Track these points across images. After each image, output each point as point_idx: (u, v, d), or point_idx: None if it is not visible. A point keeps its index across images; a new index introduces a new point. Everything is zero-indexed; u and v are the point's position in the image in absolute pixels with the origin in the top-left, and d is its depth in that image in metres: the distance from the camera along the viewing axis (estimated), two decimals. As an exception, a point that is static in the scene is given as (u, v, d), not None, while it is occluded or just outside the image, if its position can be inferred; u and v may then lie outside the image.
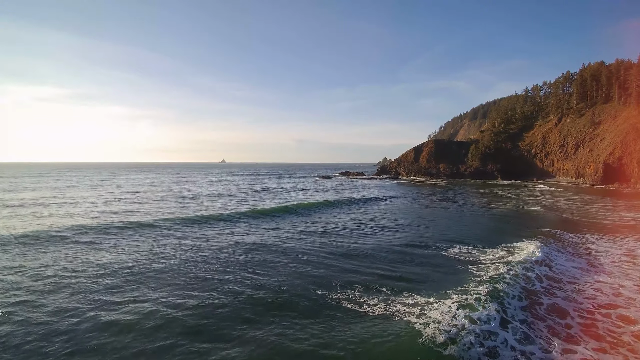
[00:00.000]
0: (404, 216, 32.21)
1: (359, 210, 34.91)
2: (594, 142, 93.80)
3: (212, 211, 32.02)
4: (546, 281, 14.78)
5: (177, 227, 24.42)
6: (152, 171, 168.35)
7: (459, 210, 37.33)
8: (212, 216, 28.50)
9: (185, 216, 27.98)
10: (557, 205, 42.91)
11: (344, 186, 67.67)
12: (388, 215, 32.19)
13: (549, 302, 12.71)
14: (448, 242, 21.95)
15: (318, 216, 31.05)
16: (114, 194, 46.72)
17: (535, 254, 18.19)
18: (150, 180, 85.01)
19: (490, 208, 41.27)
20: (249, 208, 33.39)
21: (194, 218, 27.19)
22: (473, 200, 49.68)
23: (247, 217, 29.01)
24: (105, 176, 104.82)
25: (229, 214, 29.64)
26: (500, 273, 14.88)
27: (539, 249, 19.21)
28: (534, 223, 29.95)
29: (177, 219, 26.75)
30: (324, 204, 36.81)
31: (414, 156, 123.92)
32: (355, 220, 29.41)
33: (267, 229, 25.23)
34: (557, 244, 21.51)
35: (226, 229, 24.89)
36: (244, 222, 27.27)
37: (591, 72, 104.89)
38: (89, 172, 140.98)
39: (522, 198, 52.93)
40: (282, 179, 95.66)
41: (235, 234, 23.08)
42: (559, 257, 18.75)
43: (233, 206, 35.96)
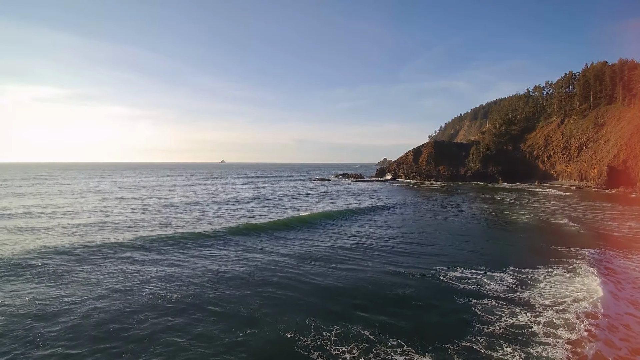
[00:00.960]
0: (401, 232, 29.20)
1: (352, 224, 32.00)
2: (597, 144, 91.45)
3: (191, 227, 29.20)
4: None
5: (146, 249, 21.84)
6: (148, 173, 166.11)
7: (461, 221, 35.05)
8: (188, 234, 25.75)
9: (157, 234, 25.42)
10: (568, 214, 40.50)
11: (340, 191, 65.26)
12: (383, 231, 29.37)
13: None
14: (450, 264, 19.63)
15: (306, 233, 28.38)
16: (98, 201, 44.19)
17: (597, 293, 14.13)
18: (142, 184, 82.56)
19: (493, 217, 38.99)
20: (233, 222, 30.44)
21: (166, 237, 24.63)
22: (475, 208, 47.38)
23: (229, 235, 26.41)
24: (97, 179, 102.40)
25: (209, 232, 26.86)
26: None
27: (598, 285, 15.19)
28: (548, 237, 27.56)
29: (148, 238, 24.14)
30: (315, 218, 33.07)
31: (413, 158, 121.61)
32: (346, 238, 26.57)
33: (248, 250, 22.61)
34: (610, 274, 17.68)
35: (201, 249, 22.53)
36: (224, 242, 24.69)
37: (594, 72, 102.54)
38: (84, 174, 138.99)
39: (526, 205, 50.61)
40: (278, 182, 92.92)
41: (209, 258, 20.73)
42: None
43: (217, 218, 33.44)
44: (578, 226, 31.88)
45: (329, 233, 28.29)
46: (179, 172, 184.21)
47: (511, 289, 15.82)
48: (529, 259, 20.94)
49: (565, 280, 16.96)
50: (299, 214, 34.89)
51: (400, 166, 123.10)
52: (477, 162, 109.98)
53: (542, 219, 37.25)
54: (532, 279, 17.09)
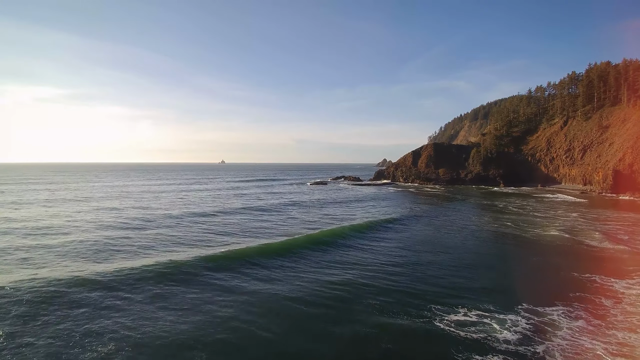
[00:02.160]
0: (394, 257, 25.08)
1: (338, 251, 26.72)
2: (602, 146, 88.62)
3: (154, 255, 23.97)
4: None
5: (87, 290, 17.60)
6: (142, 175, 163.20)
7: (463, 238, 32.07)
8: (144, 269, 20.31)
9: (104, 270, 20.27)
10: (579, 228, 37.56)
11: (336, 198, 61.87)
12: (372, 258, 24.85)
13: None
14: (450, 301, 16.62)
15: (285, 264, 23.17)
16: (67, 214, 38.71)
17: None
18: (129, 189, 79.22)
19: (498, 231, 36.12)
20: (207, 251, 24.62)
21: (118, 272, 19.83)
22: (477, 218, 44.50)
23: (194, 268, 21.09)
24: (85, 183, 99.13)
25: (173, 263, 21.55)
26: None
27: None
28: (563, 259, 24.67)
29: (94, 275, 19.42)
30: (295, 245, 26.82)
31: (412, 160, 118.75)
32: (327, 269, 22.06)
33: (218, 290, 18.16)
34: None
35: (155, 288, 18.09)
36: (185, 278, 19.68)
37: (598, 73, 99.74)
38: (75, 177, 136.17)
39: (531, 214, 47.74)
40: (274, 187, 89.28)
41: (159, 304, 16.26)
42: None
43: (190, 241, 28.20)
44: (599, 244, 28.99)
45: (307, 265, 22.98)
46: (175, 174, 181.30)
47: (526, 339, 13.00)
48: (544, 290, 18.11)
49: (591, 327, 14.08)
50: (279, 240, 28.68)
51: (398, 169, 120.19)
52: (478, 165, 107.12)
53: (553, 233, 34.31)
54: (550, 324, 14.26)
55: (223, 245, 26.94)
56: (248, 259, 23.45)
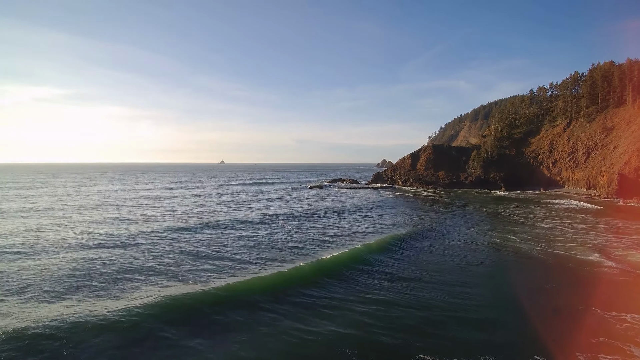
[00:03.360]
0: (384, 293, 20.98)
1: (315, 295, 20.78)
2: (606, 149, 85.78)
3: (105, 291, 20.06)
4: None
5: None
6: (137, 177, 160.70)
7: (460, 260, 29.26)
8: (80, 322, 15.95)
9: (60, 314, 16.73)
10: (591, 243, 34.81)
11: (330, 206, 57.24)
12: (349, 303, 19.63)
13: None
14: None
15: (261, 318, 17.71)
16: (40, 229, 36.44)
17: None
18: (110, 195, 75.33)
19: (499, 248, 33.44)
20: (148, 296, 19.21)
21: (67, 319, 16.13)
22: (476, 230, 41.77)
23: (146, 318, 16.65)
24: (74, 188, 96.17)
25: (118, 311, 16.96)
26: None
27: None
28: (577, 291, 21.66)
29: (52, 320, 16.09)
30: (259, 289, 20.63)
31: (411, 163, 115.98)
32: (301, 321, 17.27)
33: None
34: None
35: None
36: (130, 330, 15.64)
37: (602, 73, 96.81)
38: (68, 179, 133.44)
39: (536, 224, 45.00)
40: (268, 192, 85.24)
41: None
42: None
43: (156, 270, 23.91)
44: (620, 266, 26.03)
45: (287, 315, 17.81)
46: (170, 176, 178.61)
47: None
48: (560, 336, 15.34)
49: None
50: (258, 274, 23.13)
51: (397, 172, 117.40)
52: (478, 168, 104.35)
53: (560, 252, 31.52)
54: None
55: (189, 283, 21.77)
56: (212, 308, 17.97)
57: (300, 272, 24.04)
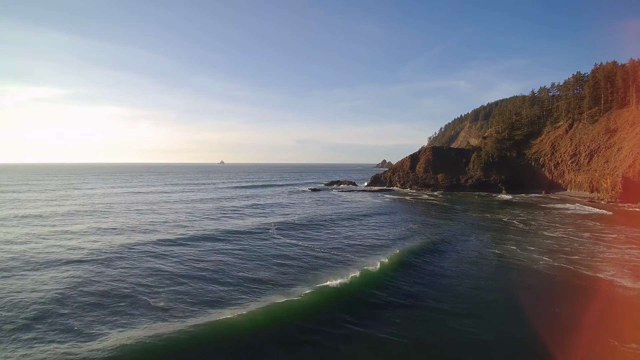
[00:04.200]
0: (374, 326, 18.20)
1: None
2: (610, 151, 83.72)
3: (63, 333, 17.14)
4: None
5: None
6: (132, 178, 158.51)
7: (458, 275, 27.29)
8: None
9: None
10: (599, 256, 32.73)
11: (325, 214, 54.63)
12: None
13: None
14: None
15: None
16: (12, 241, 33.55)
17: None
18: (105, 199, 73.64)
19: (499, 260, 31.42)
20: (139, 329, 17.33)
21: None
22: (476, 239, 39.74)
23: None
24: (64, 191, 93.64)
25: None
26: None
27: None
28: (588, 316, 19.59)
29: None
30: (270, 317, 18.60)
31: (410, 165, 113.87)
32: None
33: None
34: None
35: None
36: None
37: (605, 73, 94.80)
38: (63, 180, 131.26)
39: (539, 232, 42.94)
40: (264, 197, 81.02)
41: None
42: None
43: (129, 299, 21.21)
44: (636, 287, 23.69)
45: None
46: (166, 177, 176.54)
47: None
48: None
49: None
50: (229, 313, 19.12)
51: (395, 174, 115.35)
52: (479, 170, 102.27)
53: (567, 266, 29.46)
54: None
55: (165, 318, 18.70)
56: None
57: (300, 305, 20.35)
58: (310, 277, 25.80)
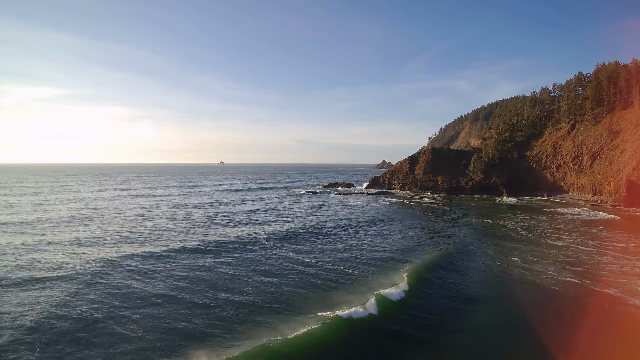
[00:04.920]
0: None
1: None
2: (613, 153, 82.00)
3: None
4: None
5: None
6: (126, 180, 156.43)
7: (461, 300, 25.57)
8: None
9: None
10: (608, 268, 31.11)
11: (322, 220, 53.38)
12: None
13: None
14: None
15: None
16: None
17: None
18: (91, 204, 71.48)
19: (503, 273, 29.76)
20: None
21: None
22: (476, 247, 38.06)
23: None
24: (52, 195, 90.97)
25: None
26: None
27: None
28: (603, 340, 18.15)
29: None
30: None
31: (409, 166, 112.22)
32: None
33: None
34: None
35: None
36: None
37: (607, 74, 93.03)
38: (56, 182, 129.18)
39: (543, 240, 41.29)
40: (258, 201, 78.08)
41: None
42: None
43: (94, 331, 18.83)
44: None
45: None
46: (162, 179, 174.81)
47: None
48: None
49: None
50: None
51: (394, 176, 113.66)
52: (479, 173, 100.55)
53: (578, 281, 27.68)
54: None
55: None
56: None
57: (301, 344, 16.96)
58: (311, 302, 22.83)
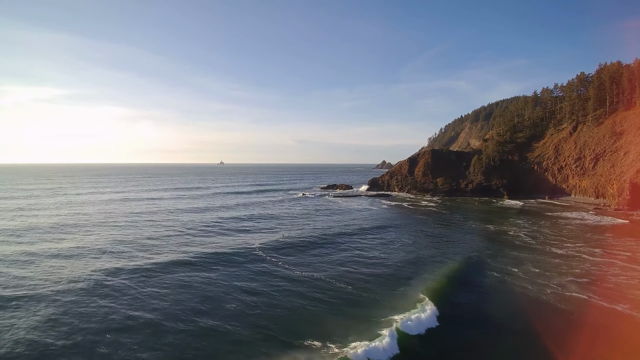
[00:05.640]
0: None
1: None
2: (616, 155, 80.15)
3: None
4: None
5: None
6: (126, 180, 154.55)
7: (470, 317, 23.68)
8: None
9: None
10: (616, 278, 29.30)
11: (317, 227, 51.07)
12: None
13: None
14: None
15: None
16: None
17: None
18: (86, 208, 70.80)
19: (504, 286, 27.97)
20: None
21: None
22: (478, 262, 36.26)
23: None
24: (47, 198, 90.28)
25: None
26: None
27: None
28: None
29: None
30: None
31: (409, 168, 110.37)
32: None
33: None
34: None
35: None
36: None
37: (610, 74, 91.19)
38: (52, 184, 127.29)
39: (547, 249, 39.46)
40: (253, 206, 75.19)
41: None
42: None
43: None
44: None
45: None
46: (157, 181, 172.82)
47: None
48: None
49: None
50: None
51: (393, 177, 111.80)
52: (479, 174, 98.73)
53: (584, 297, 25.92)
54: None
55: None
56: None
57: None
58: (310, 331, 19.91)
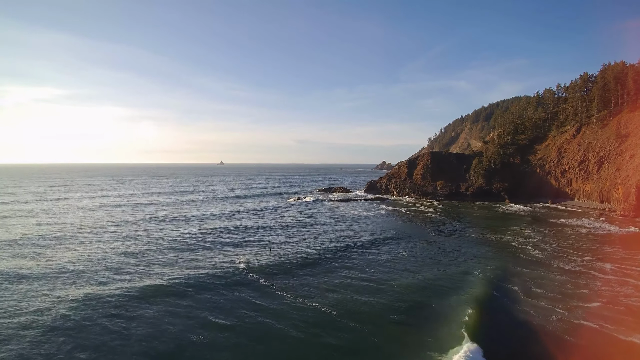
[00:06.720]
0: None
1: None
2: (621, 158, 77.51)
3: None
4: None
5: None
6: (122, 182, 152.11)
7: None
8: None
9: None
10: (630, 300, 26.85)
11: (309, 240, 48.26)
12: None
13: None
14: None
15: None
16: None
17: None
18: (68, 217, 68.42)
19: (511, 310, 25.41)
20: None
21: None
22: (478, 282, 33.72)
23: None
24: (35, 204, 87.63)
25: None
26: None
27: None
28: None
29: None
30: None
31: (407, 171, 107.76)
32: None
33: None
34: None
35: None
36: None
37: (614, 74, 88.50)
38: (45, 186, 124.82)
39: (554, 262, 36.99)
40: (245, 213, 71.49)
41: None
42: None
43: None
44: None
45: None
46: (155, 182, 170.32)
47: None
48: None
49: None
50: None
51: (392, 180, 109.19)
52: (480, 178, 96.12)
53: (596, 326, 23.45)
54: None
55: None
56: None
57: None
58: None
